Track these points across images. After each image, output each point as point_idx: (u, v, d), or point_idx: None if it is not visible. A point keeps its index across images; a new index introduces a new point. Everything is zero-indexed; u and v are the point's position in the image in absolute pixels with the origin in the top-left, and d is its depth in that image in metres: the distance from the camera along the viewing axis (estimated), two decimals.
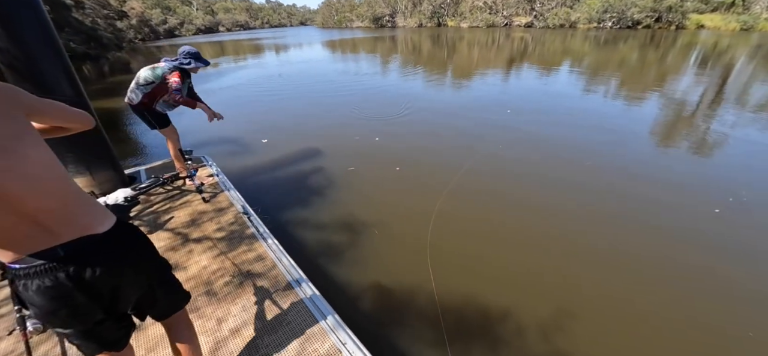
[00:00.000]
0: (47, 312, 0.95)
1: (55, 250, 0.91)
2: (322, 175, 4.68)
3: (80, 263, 0.95)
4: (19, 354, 1.79)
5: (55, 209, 0.91)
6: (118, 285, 1.04)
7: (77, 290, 0.95)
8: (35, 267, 0.90)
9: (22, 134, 0.86)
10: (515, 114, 7.23)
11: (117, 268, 1.02)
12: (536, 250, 3.13)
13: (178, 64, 3.06)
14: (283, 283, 2.11)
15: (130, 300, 1.11)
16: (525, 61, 15.05)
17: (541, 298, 2.61)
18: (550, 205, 3.81)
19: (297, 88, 11.13)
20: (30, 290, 0.92)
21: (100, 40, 21.16)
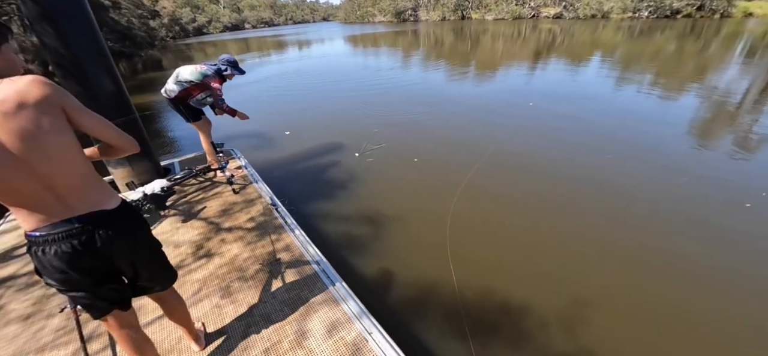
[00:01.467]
0: (62, 274, 1.13)
1: (70, 221, 1.10)
2: (343, 167, 4.76)
3: (91, 233, 1.14)
4: (69, 330, 1.96)
5: (73, 186, 1.10)
6: (120, 255, 1.24)
7: (87, 255, 1.14)
8: (55, 234, 1.09)
9: (54, 125, 1.02)
10: (538, 107, 7.04)
11: (120, 240, 1.21)
12: (558, 245, 3.06)
13: (218, 69, 3.24)
14: (309, 272, 2.18)
15: (127, 268, 1.30)
16: (552, 54, 14.54)
17: (563, 293, 2.56)
18: (572, 199, 3.71)
19: (317, 83, 11.28)
20: (48, 255, 1.10)
21: (134, 39, 22.24)
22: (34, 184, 1.02)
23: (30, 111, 0.96)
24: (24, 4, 2.75)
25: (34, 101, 0.97)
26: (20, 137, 0.96)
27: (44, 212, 1.06)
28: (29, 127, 0.96)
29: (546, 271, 2.80)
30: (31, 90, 0.97)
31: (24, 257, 2.67)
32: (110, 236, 1.17)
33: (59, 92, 1.03)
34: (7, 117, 0.93)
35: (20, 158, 0.97)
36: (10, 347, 1.89)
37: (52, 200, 1.06)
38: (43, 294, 2.25)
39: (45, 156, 1.00)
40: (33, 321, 2.05)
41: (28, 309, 2.15)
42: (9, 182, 0.99)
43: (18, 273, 2.51)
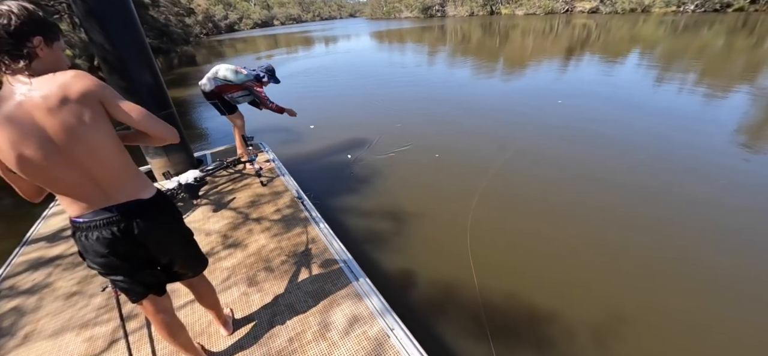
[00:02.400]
0: (103, 258, 1.21)
1: (110, 208, 1.17)
2: (366, 162, 4.78)
3: (129, 220, 1.20)
4: (110, 308, 2.09)
5: (112, 177, 1.15)
6: (155, 242, 1.30)
7: (125, 242, 1.21)
8: (96, 220, 1.16)
9: (94, 119, 1.06)
10: (566, 105, 6.76)
11: (155, 228, 1.28)
12: (589, 250, 2.93)
13: (257, 75, 3.42)
14: (333, 265, 2.21)
15: (162, 255, 1.37)
16: (585, 50, 13.90)
17: (592, 304, 2.45)
18: (600, 203, 3.53)
19: (342, 79, 11.38)
20: (90, 239, 1.17)
21: (171, 36, 23.27)
22: (77, 174, 1.08)
23: (72, 105, 1.01)
24: (74, 4, 2.94)
25: (75, 95, 1.01)
26: (64, 130, 1.01)
27: (87, 200, 1.13)
28: (72, 120, 1.01)
29: (574, 278, 2.68)
30: (73, 84, 1.01)
31: (70, 240, 2.87)
32: (146, 225, 1.24)
33: (98, 85, 1.07)
34: (52, 111, 0.98)
35: (64, 149, 1.03)
36: (56, 321, 2.04)
37: (93, 189, 1.12)
38: (87, 274, 2.41)
39: (86, 148, 1.06)
40: (77, 298, 2.20)
41: (73, 287, 2.31)
42: (55, 172, 1.05)
43: (65, 253, 2.70)
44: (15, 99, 0.97)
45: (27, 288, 2.36)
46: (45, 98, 0.98)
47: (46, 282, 2.40)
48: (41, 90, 0.98)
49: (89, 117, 1.04)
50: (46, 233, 3.02)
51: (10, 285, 2.40)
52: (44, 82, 0.99)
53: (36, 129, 0.99)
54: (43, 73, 1.02)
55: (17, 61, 0.98)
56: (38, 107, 0.98)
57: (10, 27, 0.95)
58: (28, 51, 0.99)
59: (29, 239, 2.93)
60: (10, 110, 0.97)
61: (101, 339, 1.89)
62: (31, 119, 0.98)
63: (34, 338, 1.94)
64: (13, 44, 0.96)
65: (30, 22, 0.99)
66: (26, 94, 0.98)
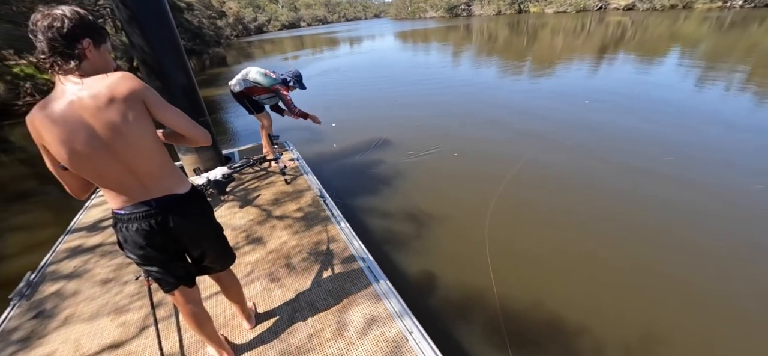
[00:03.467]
0: (141, 249, 1.27)
1: (149, 202, 1.23)
2: (387, 163, 4.78)
3: (165, 214, 1.26)
4: (142, 296, 2.19)
5: (152, 173, 1.22)
6: (188, 235, 1.36)
7: (161, 234, 1.27)
8: (136, 213, 1.22)
9: (137, 118, 1.12)
10: (594, 106, 6.47)
11: (188, 221, 1.33)
12: (616, 264, 2.78)
13: (284, 79, 3.51)
14: (353, 265, 2.21)
15: (194, 248, 1.43)
16: (619, 49, 13.24)
17: (624, 319, 2.32)
18: (629, 213, 3.33)
19: (365, 78, 11.43)
20: (130, 231, 1.24)
21: (204, 38, 24.31)
22: (120, 169, 1.14)
23: (118, 105, 1.07)
24: (117, 8, 3.11)
25: (121, 96, 1.07)
26: (110, 128, 1.07)
27: (128, 193, 1.20)
28: (117, 119, 1.07)
29: (601, 292, 2.56)
30: (119, 85, 1.07)
31: (109, 230, 3.04)
32: (181, 218, 1.30)
33: (143, 87, 1.13)
34: (100, 110, 1.05)
35: (110, 146, 1.10)
36: (93, 306, 2.17)
37: (134, 183, 1.19)
38: (122, 263, 2.54)
39: (129, 145, 1.12)
40: (112, 286, 2.33)
41: (109, 274, 2.45)
42: (100, 167, 1.12)
43: (103, 242, 2.87)
44: (66, 98, 1.04)
45: (68, 273, 2.52)
46: (94, 98, 1.04)
47: (86, 268, 2.55)
48: (91, 90, 1.05)
49: (133, 116, 1.10)
50: (87, 223, 3.22)
51: (54, 270, 2.58)
52: (93, 82, 1.06)
53: (85, 127, 1.05)
54: (91, 74, 1.09)
55: (68, 62, 1.04)
56: (87, 107, 1.04)
57: (63, 30, 1.02)
58: (78, 52, 1.05)
59: (72, 228, 3.14)
60: (62, 109, 1.04)
61: (133, 325, 1.98)
62: (81, 118, 1.05)
63: (73, 321, 2.07)
64: (65, 46, 1.03)
65: (81, 26, 1.06)
66: (77, 93, 1.04)
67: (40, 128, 1.04)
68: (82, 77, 1.06)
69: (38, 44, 1.02)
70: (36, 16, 1.02)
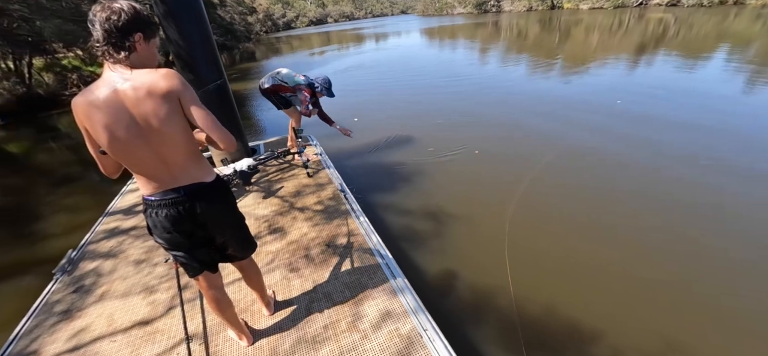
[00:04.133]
0: (168, 234, 1.34)
1: (177, 190, 1.29)
2: (408, 160, 4.76)
3: (192, 201, 1.32)
4: (170, 277, 2.30)
5: (181, 163, 1.28)
6: (213, 223, 1.42)
7: (188, 220, 1.34)
8: (166, 199, 1.29)
9: (170, 114, 1.17)
10: (626, 108, 6.14)
11: (213, 209, 1.39)
12: (641, 270, 2.64)
13: (311, 82, 3.58)
14: (371, 259, 2.23)
15: (218, 235, 1.48)
16: (660, 48, 12.49)
17: (644, 329, 2.20)
18: (656, 222, 3.15)
19: (389, 74, 11.41)
20: (160, 216, 1.31)
21: (235, 33, 25.03)
22: (153, 157, 1.21)
23: (156, 99, 1.12)
24: (155, 4, 3.27)
25: (160, 91, 1.13)
26: (146, 119, 1.14)
27: (158, 181, 1.26)
28: (152, 112, 1.13)
29: (622, 301, 2.44)
30: (159, 81, 1.13)
31: (141, 214, 3.22)
32: (207, 206, 1.36)
33: (181, 86, 1.17)
34: (139, 101, 1.11)
35: (145, 136, 1.16)
36: (126, 284, 2.31)
37: (165, 172, 1.25)
38: (153, 246, 2.68)
39: (162, 138, 1.18)
40: (143, 266, 2.47)
41: (141, 255, 2.59)
42: (136, 154, 1.19)
43: (137, 225, 3.04)
44: (112, 87, 1.11)
45: (105, 252, 2.70)
46: (135, 90, 1.11)
47: (121, 249, 2.72)
48: (134, 82, 1.11)
49: (167, 111, 1.15)
50: (123, 207, 3.42)
51: (93, 249, 2.76)
52: (138, 75, 1.12)
53: (125, 115, 1.12)
54: (138, 66, 1.16)
55: (119, 53, 1.12)
56: (129, 97, 1.11)
57: (119, 23, 1.10)
58: (129, 45, 1.13)
59: (109, 211, 3.35)
60: (107, 96, 1.10)
61: (161, 304, 2.10)
62: (123, 106, 1.11)
63: (108, 297, 2.21)
64: (119, 38, 1.11)
65: (135, 20, 1.13)
66: (122, 84, 1.11)
67: (84, 113, 1.11)
68: (130, 68, 1.13)
69: (95, 33, 1.10)
70: (96, 7, 1.10)
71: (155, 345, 1.83)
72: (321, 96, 3.66)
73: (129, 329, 1.95)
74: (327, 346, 1.68)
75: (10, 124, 11.03)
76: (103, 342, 1.89)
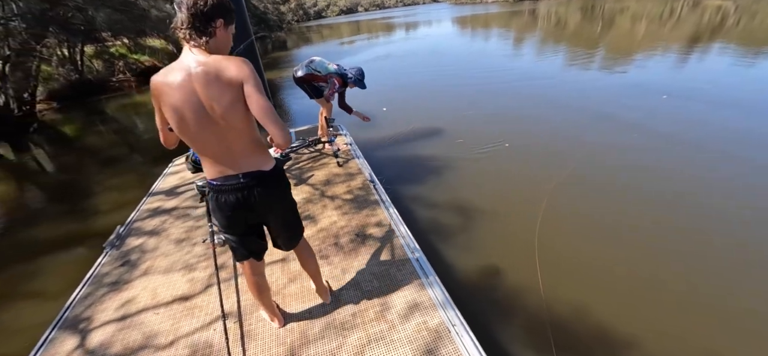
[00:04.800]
0: (226, 219, 1.40)
1: (238, 177, 1.32)
2: (438, 153, 4.70)
3: (251, 188, 1.35)
4: (208, 257, 2.42)
5: (244, 150, 1.30)
6: (270, 210, 1.46)
7: (246, 207, 1.38)
8: (228, 185, 1.33)
9: (235, 99, 1.18)
10: (674, 103, 5.69)
11: (270, 197, 1.41)
12: (682, 279, 2.46)
13: (344, 73, 3.62)
14: (399, 251, 2.23)
15: (273, 222, 1.53)
16: (716, 39, 11.44)
17: (684, 340, 2.06)
18: (704, 228, 2.91)
19: (418, 65, 11.24)
20: (220, 201, 1.36)
21: (268, 23, 25.60)
22: (218, 143, 1.24)
23: (222, 85, 1.14)
24: None
25: (227, 78, 1.14)
26: (212, 105, 1.16)
27: (222, 165, 1.30)
28: (218, 98, 1.15)
29: (653, 310, 2.29)
30: (229, 67, 1.14)
31: (183, 195, 3.40)
32: (265, 192, 1.38)
33: (248, 73, 1.16)
34: (208, 86, 1.13)
35: (211, 121, 1.19)
36: (167, 261, 2.45)
37: (228, 157, 1.28)
38: (192, 226, 2.83)
39: (226, 124, 1.20)
40: (183, 245, 2.61)
41: (181, 235, 2.74)
42: (202, 137, 1.23)
43: (178, 206, 3.21)
44: (188, 70, 1.14)
45: (149, 230, 2.88)
46: (206, 74, 1.13)
47: (163, 227, 2.89)
48: (207, 67, 1.13)
49: (232, 98, 1.16)
50: (165, 188, 3.62)
51: (138, 226, 2.95)
52: (211, 60, 1.14)
53: (195, 99, 1.15)
54: (216, 51, 1.20)
55: (201, 37, 1.16)
56: (200, 81, 1.13)
57: (205, 8, 1.14)
58: (210, 30, 1.17)
59: (153, 192, 3.55)
60: (181, 79, 1.14)
61: (199, 282, 2.21)
62: (194, 89, 1.14)
63: (152, 271, 2.36)
64: (202, 22, 1.15)
65: (219, 7, 1.17)
66: (196, 67, 1.13)
67: (159, 91, 1.16)
68: (208, 53, 1.16)
69: (179, 15, 1.15)
70: None
71: (194, 320, 1.93)
72: (352, 87, 3.66)
73: (170, 303, 2.08)
74: (355, 333, 1.71)
75: (64, 107, 11.94)
76: (147, 313, 2.02)
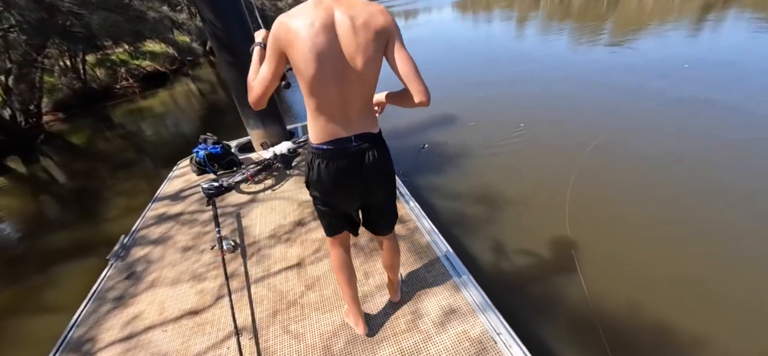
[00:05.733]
0: (332, 186, 1.23)
1: (350, 139, 1.17)
2: (450, 139, 4.48)
3: (363, 152, 1.20)
4: (216, 265, 2.23)
5: (361, 109, 1.16)
6: (375, 176, 1.25)
7: (356, 172, 1.22)
8: (340, 149, 1.17)
9: (378, 51, 1.08)
10: (695, 72, 5.34)
11: (379, 162, 1.24)
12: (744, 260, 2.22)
13: None
14: (425, 248, 2.02)
15: (378, 191, 1.31)
16: (731, 5, 10.89)
17: (754, 337, 1.84)
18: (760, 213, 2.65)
19: (422, 52, 10.93)
20: (331, 168, 1.20)
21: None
22: (340, 99, 1.11)
23: (370, 34, 1.04)
24: None
25: (375, 27, 1.05)
26: (354, 55, 1.05)
27: (336, 125, 1.15)
28: (364, 47, 1.05)
29: (729, 299, 2.06)
30: (377, 16, 1.05)
31: (188, 199, 3.22)
32: (374, 158, 1.22)
33: (394, 24, 1.09)
34: (355, 34, 1.03)
35: (346, 73, 1.07)
36: (174, 271, 2.28)
37: (343, 117, 1.15)
38: (200, 232, 2.65)
39: (360, 78, 1.09)
40: (190, 253, 2.43)
41: (188, 242, 2.56)
42: (328, 91, 1.08)
43: (184, 211, 3.03)
44: (332, 14, 1.03)
45: (154, 238, 2.70)
46: (352, 19, 1.03)
47: (169, 235, 2.71)
48: (355, 13, 1.03)
49: (376, 49, 1.07)
50: (170, 192, 3.44)
51: (143, 234, 2.78)
52: (359, 6, 1.05)
53: (337, 47, 1.04)
54: None
55: None
56: (346, 28, 1.03)
57: None
58: None
59: (158, 197, 3.39)
60: (326, 22, 1.02)
61: (209, 294, 2.03)
62: (336, 37, 1.03)
63: (158, 284, 2.19)
64: None
65: None
66: (343, 11, 1.03)
67: (294, 34, 1.02)
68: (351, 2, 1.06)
69: None
70: None
71: (205, 338, 1.75)
72: None
73: (179, 318, 1.90)
74: (386, 348, 1.51)
75: (70, 117, 11.90)
76: (155, 331, 1.85)
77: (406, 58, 1.10)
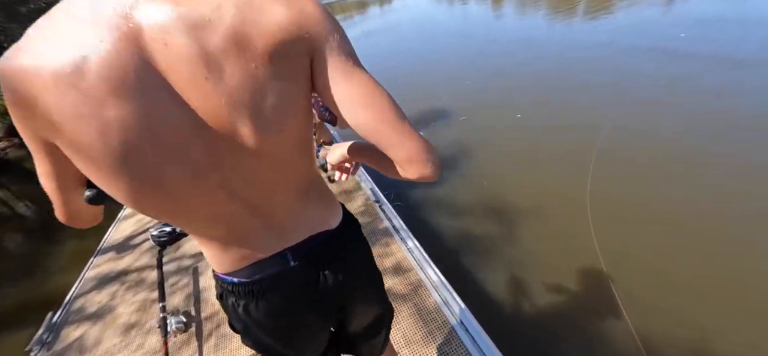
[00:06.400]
0: (269, 337, 0.69)
1: (285, 256, 0.64)
2: (443, 139, 3.98)
3: (315, 270, 0.67)
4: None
5: (293, 199, 0.62)
6: (350, 292, 0.73)
7: (307, 305, 0.68)
8: (264, 280, 0.64)
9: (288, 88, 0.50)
10: (693, 40, 4.96)
11: (348, 271, 0.71)
12: None
13: None
14: (431, 310, 1.57)
15: (357, 306, 0.79)
16: None
17: None
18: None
19: (400, 41, 10.43)
20: (255, 311, 0.65)
21: None
22: (231, 201, 0.58)
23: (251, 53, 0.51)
24: None
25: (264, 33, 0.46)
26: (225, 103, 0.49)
27: (246, 244, 0.63)
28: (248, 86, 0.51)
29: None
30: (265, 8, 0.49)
31: (138, 249, 2.67)
32: (340, 268, 0.69)
33: (318, 21, 0.52)
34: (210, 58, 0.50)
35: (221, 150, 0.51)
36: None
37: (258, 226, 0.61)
38: (147, 299, 2.13)
39: (264, 147, 0.59)
40: (133, 335, 1.91)
41: (132, 316, 2.04)
42: (192, 198, 0.53)
43: (130, 267, 2.49)
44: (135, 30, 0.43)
45: (92, 312, 2.17)
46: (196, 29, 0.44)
47: (109, 305, 2.18)
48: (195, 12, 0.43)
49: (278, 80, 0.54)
50: (117, 240, 2.88)
51: (79, 308, 2.24)
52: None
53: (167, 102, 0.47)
54: None
55: None
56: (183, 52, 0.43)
57: None
58: None
59: (102, 249, 2.82)
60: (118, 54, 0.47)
61: None
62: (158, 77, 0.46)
63: None
64: None
65: None
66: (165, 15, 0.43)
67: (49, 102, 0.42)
68: None
69: None
70: None
71: None
72: None
73: None
74: None
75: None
76: None
77: (362, 88, 0.53)
